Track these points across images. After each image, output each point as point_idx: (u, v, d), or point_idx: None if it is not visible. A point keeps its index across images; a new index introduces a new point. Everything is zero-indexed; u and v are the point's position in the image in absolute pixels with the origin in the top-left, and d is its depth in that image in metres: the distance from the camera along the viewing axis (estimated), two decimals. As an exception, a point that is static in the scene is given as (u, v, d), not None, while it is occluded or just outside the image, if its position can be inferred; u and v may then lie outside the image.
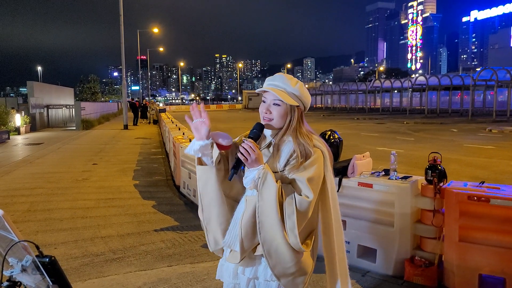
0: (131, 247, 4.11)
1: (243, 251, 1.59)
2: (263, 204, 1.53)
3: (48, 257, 1.00)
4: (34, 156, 11.17)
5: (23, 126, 18.98)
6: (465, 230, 3.11)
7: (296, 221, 1.51)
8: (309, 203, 1.53)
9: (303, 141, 1.61)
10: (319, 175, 1.60)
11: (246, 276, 1.66)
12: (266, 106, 1.64)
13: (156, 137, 17.16)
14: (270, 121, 1.64)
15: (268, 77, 1.70)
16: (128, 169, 8.95)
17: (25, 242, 1.00)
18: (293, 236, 1.52)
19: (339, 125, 22.03)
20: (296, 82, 1.65)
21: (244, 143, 1.55)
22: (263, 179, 1.52)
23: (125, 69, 22.97)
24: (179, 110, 59.16)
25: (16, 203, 5.94)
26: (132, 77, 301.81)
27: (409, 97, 39.57)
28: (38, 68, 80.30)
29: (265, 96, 1.66)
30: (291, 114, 1.63)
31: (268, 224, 1.52)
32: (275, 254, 1.54)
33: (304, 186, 1.55)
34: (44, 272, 0.99)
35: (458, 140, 14.34)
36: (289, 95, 1.62)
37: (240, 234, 1.59)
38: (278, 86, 1.63)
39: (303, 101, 1.66)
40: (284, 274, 1.57)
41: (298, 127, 1.64)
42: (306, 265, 1.61)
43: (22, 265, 1.02)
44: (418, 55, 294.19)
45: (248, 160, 1.53)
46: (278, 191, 1.51)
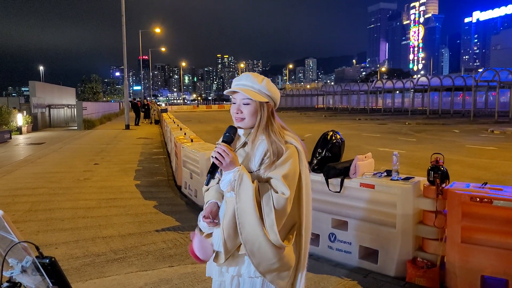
0: (132, 247, 4.11)
1: (227, 251, 1.62)
2: (242, 205, 1.54)
3: (48, 258, 0.99)
4: (36, 156, 11.18)
5: (25, 125, 19.02)
6: (467, 231, 3.10)
7: (274, 219, 1.53)
8: (286, 200, 1.55)
9: (275, 138, 1.64)
10: (294, 171, 1.62)
11: (230, 274, 1.68)
12: (236, 106, 1.67)
13: (158, 137, 17.17)
14: (242, 121, 1.67)
15: (235, 79, 1.73)
16: (129, 169, 8.95)
17: (25, 243, 0.99)
18: (273, 234, 1.53)
19: (340, 126, 22.00)
20: (262, 79, 1.68)
21: (218, 147, 1.58)
22: (239, 181, 1.54)
23: (127, 69, 22.95)
24: (180, 110, 59.23)
25: (17, 203, 5.94)
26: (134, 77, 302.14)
27: (411, 97, 39.48)
28: (40, 68, 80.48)
29: (234, 97, 1.69)
30: (261, 111, 1.65)
31: (248, 224, 1.54)
32: (258, 252, 1.55)
33: (280, 184, 1.56)
34: (44, 273, 0.98)
35: (460, 141, 14.30)
36: (257, 93, 1.64)
37: (222, 236, 1.61)
38: (245, 85, 1.66)
39: (272, 97, 1.68)
40: (269, 270, 1.59)
41: (270, 124, 1.67)
42: (290, 259, 1.64)
43: (22, 266, 1.02)
44: (420, 55, 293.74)
45: (223, 164, 1.56)
46: (255, 191, 1.53)
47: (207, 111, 58.60)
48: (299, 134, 1.72)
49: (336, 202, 3.80)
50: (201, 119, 32.50)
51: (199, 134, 10.21)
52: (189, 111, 58.04)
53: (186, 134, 8.67)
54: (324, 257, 3.77)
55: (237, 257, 1.65)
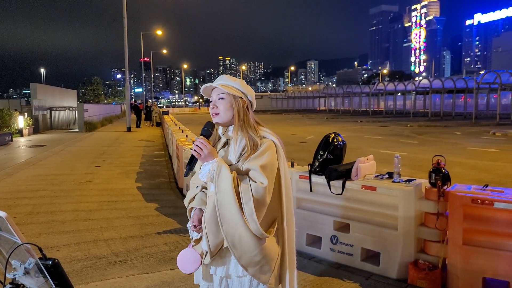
0: (134, 250, 4.11)
1: (210, 248, 1.64)
2: (221, 196, 1.58)
3: (51, 260, 0.99)
4: (37, 158, 11.21)
5: (26, 128, 19.06)
6: (469, 233, 3.09)
7: (253, 207, 1.55)
8: (264, 189, 1.58)
9: (251, 132, 1.69)
10: (272, 163, 1.66)
11: (218, 275, 1.71)
12: (213, 102, 1.76)
13: (159, 139, 17.18)
14: (217, 116, 1.73)
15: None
16: (131, 171, 8.96)
17: (28, 245, 0.99)
18: (253, 222, 1.55)
19: (342, 128, 21.99)
20: (235, 79, 1.78)
21: (196, 140, 1.65)
22: (218, 171, 1.59)
23: (129, 71, 23.02)
24: (182, 112, 59.31)
25: (18, 205, 5.95)
26: (136, 79, 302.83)
27: (412, 100, 39.48)
28: (41, 70, 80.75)
29: (212, 95, 1.77)
30: (237, 105, 1.72)
31: (228, 214, 1.57)
32: (239, 244, 1.57)
33: (258, 174, 1.60)
34: (47, 275, 0.99)
35: (461, 143, 14.28)
36: (231, 87, 1.73)
37: (204, 231, 1.64)
38: (220, 83, 1.75)
39: (245, 93, 1.76)
40: (250, 263, 1.60)
41: (246, 119, 1.72)
42: (272, 251, 1.66)
43: (25, 268, 1.02)
44: (421, 58, 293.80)
45: (202, 156, 1.62)
46: (234, 181, 1.57)
47: (209, 113, 58.60)
48: (301, 136, 1.74)
49: (338, 204, 3.80)
50: (203, 121, 32.05)
51: (201, 136, 10.21)
52: (191, 113, 58.07)
53: (188, 136, 8.67)
54: (326, 259, 3.77)
55: (224, 257, 1.68)
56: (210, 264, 1.69)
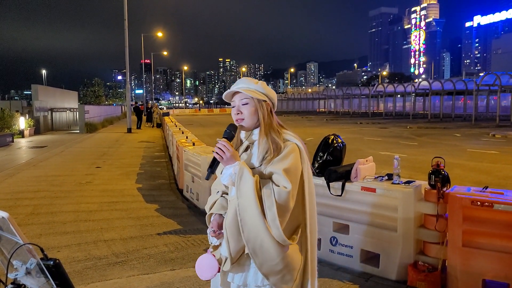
0: (134, 250, 4.12)
1: (231, 254, 1.58)
2: (242, 200, 1.53)
3: (52, 260, 1.00)
4: (38, 159, 11.22)
5: (27, 129, 19.07)
6: (468, 235, 3.10)
7: (276, 212, 1.49)
8: (288, 193, 1.51)
9: (274, 135, 1.65)
10: (295, 166, 1.60)
11: (236, 284, 1.64)
12: (236, 108, 1.70)
13: (160, 140, 17.20)
14: (242, 121, 1.68)
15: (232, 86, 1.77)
16: (131, 172, 8.97)
17: (30, 245, 1.00)
18: (276, 228, 1.49)
19: (342, 129, 22.01)
20: (257, 81, 1.72)
21: (219, 143, 1.60)
22: (239, 174, 1.54)
23: (129, 73, 23.04)
24: (182, 113, 59.35)
25: (19, 206, 5.96)
26: (136, 81, 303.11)
27: (412, 101, 39.50)
28: (43, 72, 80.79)
29: (233, 100, 1.72)
30: (262, 109, 1.68)
31: (249, 219, 1.51)
32: (260, 251, 1.51)
33: (281, 178, 1.54)
34: (49, 275, 0.99)
35: (461, 144, 14.29)
36: (254, 91, 1.67)
37: (226, 236, 1.59)
38: (242, 87, 1.70)
39: (269, 96, 1.71)
40: (272, 271, 1.54)
41: (270, 123, 1.69)
42: (294, 260, 1.59)
43: (26, 268, 1.03)
44: (421, 59, 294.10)
45: (224, 158, 1.57)
46: (256, 185, 1.52)
47: (209, 114, 58.69)
48: (301, 138, 1.73)
49: (337, 205, 3.80)
50: (203, 122, 32.54)
51: (201, 138, 10.22)
52: (191, 114, 58.12)
53: (188, 137, 8.68)
54: (325, 260, 3.77)
55: (243, 264, 1.62)
56: (229, 271, 1.63)
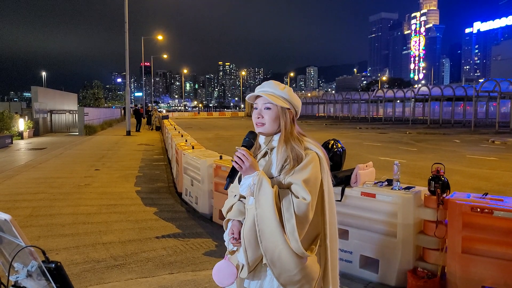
0: (133, 254, 4.10)
1: (249, 263, 1.58)
2: (261, 211, 1.52)
3: (54, 263, 1.00)
4: (37, 161, 11.20)
5: (26, 130, 19.06)
6: (468, 242, 3.10)
7: (295, 224, 1.48)
8: (307, 205, 1.50)
9: (295, 144, 1.62)
10: (315, 177, 1.58)
11: None
12: (258, 111, 1.67)
13: (159, 143, 17.19)
14: (262, 126, 1.66)
15: (257, 87, 1.73)
16: (130, 175, 8.96)
17: (31, 248, 1.00)
18: (294, 240, 1.48)
19: (341, 134, 22.03)
20: (284, 86, 1.68)
21: (238, 151, 1.57)
22: (258, 185, 1.52)
23: (129, 76, 23.07)
24: (181, 117, 59.36)
25: (18, 208, 5.94)
26: (136, 84, 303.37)
27: (411, 107, 39.59)
28: (43, 73, 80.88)
29: (256, 102, 1.69)
30: (284, 117, 1.65)
31: (268, 230, 1.51)
32: (279, 262, 1.50)
33: (300, 189, 1.52)
34: (50, 278, 0.99)
35: (460, 151, 14.31)
36: (279, 98, 1.64)
37: (243, 245, 1.58)
38: (267, 91, 1.67)
39: (293, 104, 1.68)
40: (290, 282, 1.53)
41: (291, 131, 1.66)
42: (312, 271, 1.58)
43: (27, 271, 1.03)
44: (420, 65, 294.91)
45: (243, 168, 1.55)
46: (275, 196, 1.50)
47: (208, 118, 58.71)
48: None
49: (337, 211, 3.79)
50: (202, 126, 32.55)
51: (200, 141, 10.23)
52: (190, 118, 58.14)
53: (187, 141, 8.68)
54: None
55: (260, 272, 1.61)
56: (246, 278, 1.63)
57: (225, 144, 15.98)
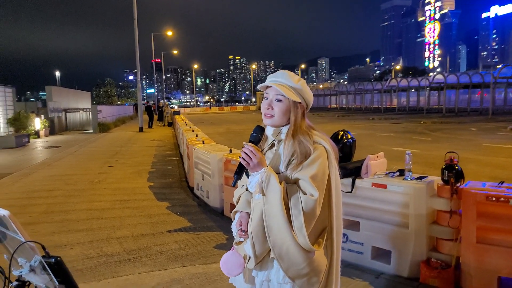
0: (145, 247, 4.15)
1: (256, 255, 1.59)
2: (269, 207, 1.51)
3: (54, 258, 1.01)
4: (53, 159, 11.41)
5: (43, 129, 19.41)
6: (483, 232, 3.03)
7: (303, 221, 1.49)
8: (315, 202, 1.50)
9: (303, 138, 1.59)
10: (323, 172, 1.56)
11: (260, 279, 1.65)
12: (268, 102, 1.63)
13: (171, 139, 17.31)
14: (271, 118, 1.62)
15: (270, 75, 1.68)
16: (143, 171, 9.05)
17: (31, 243, 1.01)
18: (302, 237, 1.50)
19: (354, 126, 21.83)
20: (298, 79, 1.64)
21: (245, 147, 1.54)
22: (266, 182, 1.51)
23: (140, 72, 23.20)
24: (193, 112, 59.62)
25: (34, 205, 6.06)
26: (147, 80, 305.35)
27: (426, 96, 38.88)
28: (56, 73, 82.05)
29: (267, 92, 1.64)
30: (295, 111, 1.61)
31: (276, 227, 1.51)
32: (287, 256, 1.52)
33: (308, 185, 1.52)
34: (51, 272, 1.00)
35: (477, 139, 14.03)
36: (291, 91, 1.60)
37: (251, 239, 1.58)
38: (280, 82, 1.62)
39: (305, 98, 1.64)
40: (298, 275, 1.55)
41: (300, 125, 1.62)
42: (320, 264, 1.59)
43: (30, 266, 1.04)
44: (436, 53, 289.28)
45: (250, 165, 1.52)
46: (283, 193, 1.50)
47: (220, 112, 58.83)
48: None
49: (347, 202, 3.76)
50: (214, 121, 32.64)
51: (212, 136, 10.25)
52: (202, 113, 58.36)
53: (198, 135, 8.71)
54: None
55: (267, 262, 1.62)
56: (253, 269, 1.65)
57: (236, 138, 16.00)
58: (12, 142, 14.74)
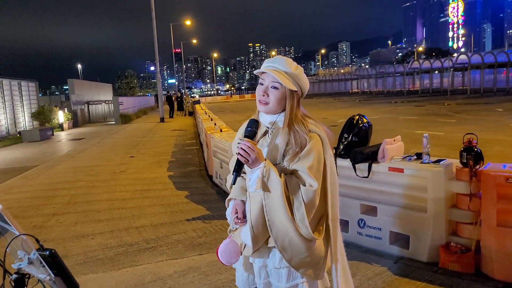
0: (164, 236, 4.22)
1: (256, 245, 1.60)
2: (270, 202, 1.51)
3: (48, 250, 1.02)
4: (76, 151, 11.71)
5: (66, 122, 19.94)
6: (503, 214, 2.93)
7: (305, 212, 1.50)
8: (314, 192, 1.50)
9: (298, 127, 1.57)
10: (319, 161, 1.57)
11: (257, 265, 1.69)
12: (263, 88, 1.60)
13: (191, 128, 17.46)
14: (265, 105, 1.60)
15: (267, 59, 1.65)
16: (163, 160, 9.17)
17: (24, 236, 1.02)
18: (304, 227, 1.51)
19: (375, 110, 21.41)
20: (296, 66, 1.62)
21: (242, 143, 1.51)
22: (267, 177, 1.50)
23: (161, 63, 23.39)
24: (214, 101, 59.81)
25: (57, 196, 6.25)
26: (168, 71, 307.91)
27: (450, 77, 37.65)
28: (78, 66, 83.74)
29: (263, 78, 1.61)
30: (291, 100, 1.59)
31: (278, 220, 1.52)
32: (290, 247, 1.53)
33: (306, 176, 1.52)
34: (46, 265, 1.01)
35: (503, 120, 13.52)
36: (288, 79, 1.57)
37: (251, 231, 1.58)
38: (277, 68, 1.59)
39: (301, 86, 1.62)
40: (301, 264, 1.57)
41: (296, 114, 1.61)
42: (321, 250, 1.62)
43: (29, 258, 1.06)
44: (460, 32, 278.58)
45: (249, 161, 1.50)
46: (283, 186, 1.49)
47: (240, 100, 58.80)
48: (332, 120, 1.68)
49: (364, 187, 3.70)
50: (234, 109, 32.67)
51: (231, 124, 10.27)
52: (223, 101, 58.50)
53: (216, 124, 8.74)
54: (353, 243, 3.70)
55: (264, 248, 1.64)
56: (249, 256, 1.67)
57: (255, 125, 15.95)
58: (36, 135, 15.21)
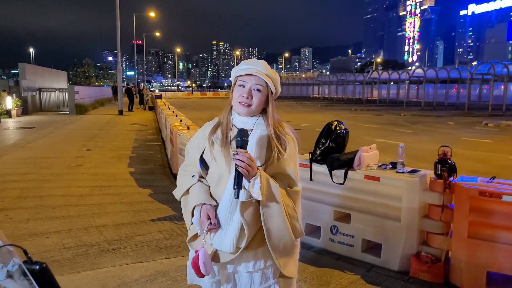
0: (127, 237, 3.97)
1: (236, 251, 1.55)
2: (268, 210, 1.51)
3: (38, 264, 0.84)
4: (26, 140, 10.92)
5: (15, 109, 18.58)
6: (474, 226, 3.01)
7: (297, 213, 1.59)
8: (300, 193, 1.61)
9: (277, 130, 1.60)
10: (296, 162, 1.65)
11: (227, 271, 1.60)
12: (246, 90, 1.57)
13: (152, 123, 16.92)
14: (248, 107, 1.57)
15: (244, 61, 1.61)
16: (123, 155, 8.76)
17: (10, 247, 0.84)
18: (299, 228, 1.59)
19: (337, 116, 21.90)
20: (275, 72, 1.64)
21: (241, 155, 1.43)
22: (267, 186, 1.51)
23: (121, 54, 22.50)
24: (175, 96, 58.57)
25: (6, 189, 5.74)
26: (127, 62, 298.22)
27: (406, 89, 39.45)
28: (30, 50, 78.77)
29: (245, 80, 1.57)
30: (272, 102, 1.61)
31: (275, 228, 1.53)
32: (283, 248, 1.56)
33: (293, 177, 1.59)
34: (33, 281, 0.84)
35: (455, 133, 14.29)
36: (272, 82, 1.58)
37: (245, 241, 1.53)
38: (260, 71, 1.57)
39: (277, 89, 1.63)
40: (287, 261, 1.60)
41: (274, 115, 1.62)
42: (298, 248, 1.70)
43: (7, 271, 0.87)
44: (415, 47, 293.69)
45: (251, 173, 1.45)
46: (280, 193, 1.52)
47: (202, 98, 58.00)
48: (296, 124, 1.66)
49: (338, 194, 3.69)
50: (196, 106, 32.17)
51: (195, 122, 10.01)
52: (184, 98, 57.38)
53: (182, 121, 8.48)
54: (325, 249, 3.68)
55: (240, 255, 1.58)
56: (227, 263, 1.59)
57: (219, 124, 15.76)
58: (-19, 121, 14.05)
